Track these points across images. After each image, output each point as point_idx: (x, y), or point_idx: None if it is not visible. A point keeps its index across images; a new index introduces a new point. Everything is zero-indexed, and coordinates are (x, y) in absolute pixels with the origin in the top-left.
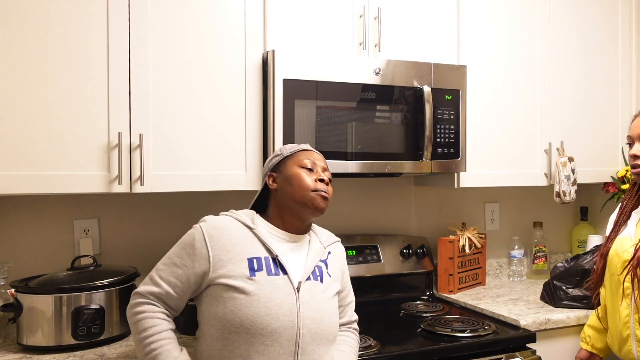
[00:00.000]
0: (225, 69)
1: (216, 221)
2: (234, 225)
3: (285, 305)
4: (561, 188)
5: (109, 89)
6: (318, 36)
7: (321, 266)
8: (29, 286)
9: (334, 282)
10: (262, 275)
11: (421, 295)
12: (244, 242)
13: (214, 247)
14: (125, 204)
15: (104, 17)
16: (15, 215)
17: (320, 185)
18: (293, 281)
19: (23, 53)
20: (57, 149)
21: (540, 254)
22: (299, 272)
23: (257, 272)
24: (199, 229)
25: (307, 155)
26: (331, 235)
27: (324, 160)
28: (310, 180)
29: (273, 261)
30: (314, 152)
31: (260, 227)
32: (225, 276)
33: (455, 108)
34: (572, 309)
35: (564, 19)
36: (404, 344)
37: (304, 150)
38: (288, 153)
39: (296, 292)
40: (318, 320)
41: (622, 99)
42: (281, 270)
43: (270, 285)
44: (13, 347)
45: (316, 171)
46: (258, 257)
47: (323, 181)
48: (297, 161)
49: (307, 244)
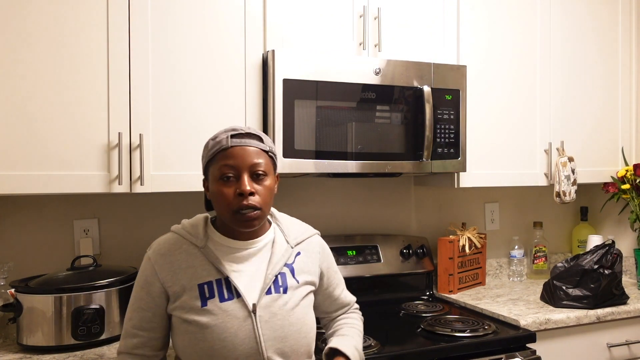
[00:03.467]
0: (225, 68)
1: (163, 246)
2: (182, 247)
3: (242, 333)
4: (561, 188)
5: (109, 89)
6: (318, 36)
7: (285, 273)
8: (29, 286)
9: (303, 285)
10: (215, 304)
11: (421, 295)
12: (194, 264)
13: (165, 280)
14: (125, 204)
15: (104, 17)
16: (15, 215)
17: (240, 203)
18: (248, 303)
19: (23, 53)
20: (57, 149)
21: (540, 254)
22: (256, 289)
23: (209, 300)
24: (148, 261)
25: (226, 158)
26: (305, 229)
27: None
28: (229, 199)
29: (225, 283)
30: (235, 147)
31: (210, 242)
32: (179, 308)
33: (455, 108)
34: (572, 309)
35: (564, 19)
36: (404, 344)
37: (222, 150)
38: (209, 155)
39: (252, 315)
40: (283, 338)
41: (622, 99)
42: (235, 293)
43: (223, 313)
44: (13, 347)
45: (240, 177)
46: (209, 282)
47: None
48: (217, 169)
49: (269, 246)
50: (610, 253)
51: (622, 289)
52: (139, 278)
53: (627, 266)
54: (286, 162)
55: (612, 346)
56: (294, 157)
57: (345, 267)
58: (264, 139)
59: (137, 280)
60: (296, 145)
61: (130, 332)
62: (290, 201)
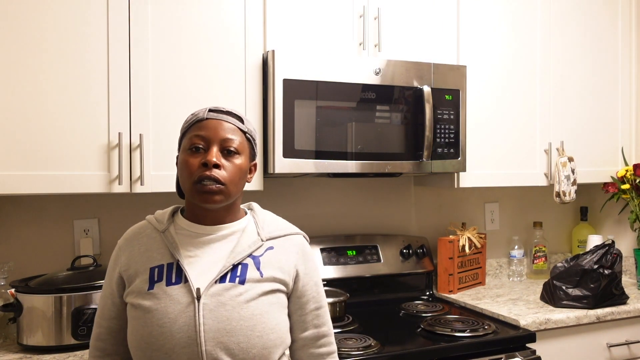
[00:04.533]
0: (225, 68)
1: (129, 232)
2: (145, 231)
3: (182, 319)
4: (561, 188)
5: (109, 89)
6: (318, 36)
7: (247, 264)
8: (29, 286)
9: (269, 281)
10: (161, 287)
11: (421, 295)
12: (151, 248)
13: (122, 264)
14: (125, 204)
15: (104, 17)
16: (15, 215)
17: (202, 173)
18: (193, 289)
19: (23, 53)
20: (57, 149)
21: (540, 254)
22: (210, 276)
23: (156, 283)
24: (116, 248)
25: (199, 129)
26: (287, 227)
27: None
28: (192, 169)
29: (176, 267)
30: (210, 120)
31: (173, 227)
32: (131, 293)
33: (455, 108)
34: (572, 309)
35: (564, 18)
36: (404, 344)
37: (197, 122)
38: (184, 127)
39: (196, 302)
40: (229, 332)
41: (622, 99)
42: (183, 278)
43: (167, 297)
44: (13, 347)
45: (209, 149)
46: (160, 266)
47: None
48: (188, 139)
49: (236, 235)
50: (610, 253)
51: (622, 289)
52: (108, 265)
53: (627, 266)
54: (286, 162)
55: (612, 346)
56: (294, 157)
57: (345, 267)
58: (244, 120)
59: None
60: (296, 145)
61: (95, 322)
62: (291, 201)
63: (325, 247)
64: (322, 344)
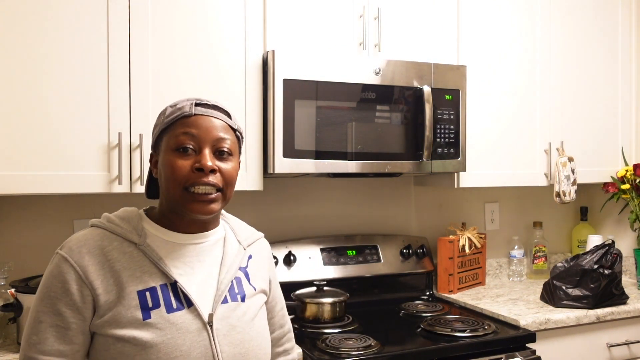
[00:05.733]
0: (225, 68)
1: (87, 243)
2: (112, 244)
3: (196, 351)
4: (561, 188)
5: (109, 89)
6: (318, 36)
7: (240, 277)
8: (29, 286)
9: (258, 294)
10: (160, 315)
11: (421, 295)
12: (130, 266)
13: (93, 285)
14: (125, 204)
15: (103, 17)
16: (15, 215)
17: (197, 179)
18: (202, 313)
19: (23, 53)
20: (57, 149)
21: (540, 254)
22: (209, 296)
23: (152, 311)
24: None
25: (187, 126)
26: (252, 230)
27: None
28: (183, 172)
29: (172, 289)
30: (199, 116)
31: (149, 238)
32: (110, 323)
33: (455, 108)
34: (572, 309)
35: (564, 19)
36: (404, 344)
37: (183, 118)
38: (166, 122)
39: (208, 329)
40: (244, 355)
41: (622, 99)
42: (185, 302)
43: (172, 327)
44: (13, 347)
45: (201, 150)
46: (152, 288)
47: (203, 170)
48: (173, 138)
49: (220, 244)
50: (610, 253)
51: (621, 289)
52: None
53: (627, 266)
54: (286, 162)
55: (612, 346)
56: (294, 157)
57: (345, 267)
58: (231, 115)
59: (46, 289)
60: (296, 145)
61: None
62: (290, 201)
63: (325, 247)
64: (285, 340)
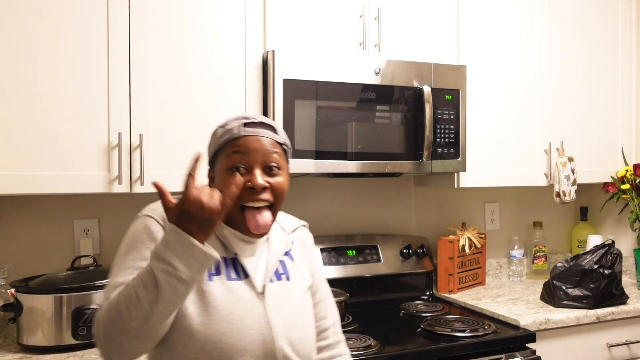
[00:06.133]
0: (225, 68)
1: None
2: None
3: (252, 317)
4: (561, 188)
5: (109, 89)
6: (318, 36)
7: (285, 261)
8: (29, 286)
9: (303, 276)
10: (221, 281)
11: (421, 295)
12: None
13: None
14: (125, 204)
15: (104, 17)
16: (15, 215)
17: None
18: (256, 285)
19: (22, 53)
20: (57, 149)
21: (540, 254)
22: (260, 273)
23: (214, 276)
24: (149, 217)
25: (237, 146)
26: (295, 219)
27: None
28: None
29: (232, 262)
30: (248, 137)
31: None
32: None
33: (455, 108)
34: (572, 309)
35: (564, 18)
36: (404, 344)
37: (233, 140)
38: (218, 144)
39: (261, 299)
40: (293, 327)
41: (622, 99)
42: (242, 274)
43: (230, 293)
44: (13, 347)
45: (251, 169)
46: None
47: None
48: (225, 157)
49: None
50: (610, 253)
51: (622, 289)
52: (136, 236)
53: (627, 266)
54: None
55: (612, 346)
56: (294, 157)
57: (345, 267)
58: (277, 130)
59: (133, 239)
60: (296, 145)
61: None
62: (291, 201)
63: (325, 247)
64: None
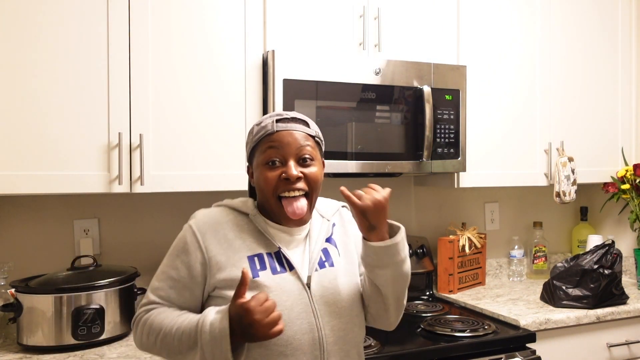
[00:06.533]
0: (225, 68)
1: (208, 215)
2: (228, 216)
3: (298, 307)
4: (561, 188)
5: (109, 89)
6: (318, 36)
7: (327, 248)
8: (29, 286)
9: (347, 256)
10: (267, 276)
11: (421, 295)
12: (242, 236)
13: (209, 248)
14: (125, 204)
15: (104, 18)
16: (15, 215)
17: (285, 186)
18: (302, 276)
19: (22, 53)
20: (57, 149)
21: (540, 253)
22: (305, 264)
23: (260, 272)
24: (189, 228)
25: (272, 141)
26: (333, 202)
27: (300, 135)
28: (273, 183)
29: (276, 256)
30: (281, 132)
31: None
32: (223, 284)
33: (455, 108)
34: (572, 309)
35: (564, 19)
36: (404, 344)
37: (267, 135)
38: (254, 141)
39: (307, 289)
40: (337, 315)
41: (622, 99)
42: (287, 266)
43: (277, 286)
44: (13, 347)
45: (286, 162)
46: (259, 254)
47: (290, 180)
48: (261, 153)
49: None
50: (610, 253)
51: (621, 289)
52: (176, 245)
53: (627, 266)
54: None
55: (612, 346)
56: None
57: None
58: (309, 123)
59: (173, 248)
60: None
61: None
62: None
63: None
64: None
